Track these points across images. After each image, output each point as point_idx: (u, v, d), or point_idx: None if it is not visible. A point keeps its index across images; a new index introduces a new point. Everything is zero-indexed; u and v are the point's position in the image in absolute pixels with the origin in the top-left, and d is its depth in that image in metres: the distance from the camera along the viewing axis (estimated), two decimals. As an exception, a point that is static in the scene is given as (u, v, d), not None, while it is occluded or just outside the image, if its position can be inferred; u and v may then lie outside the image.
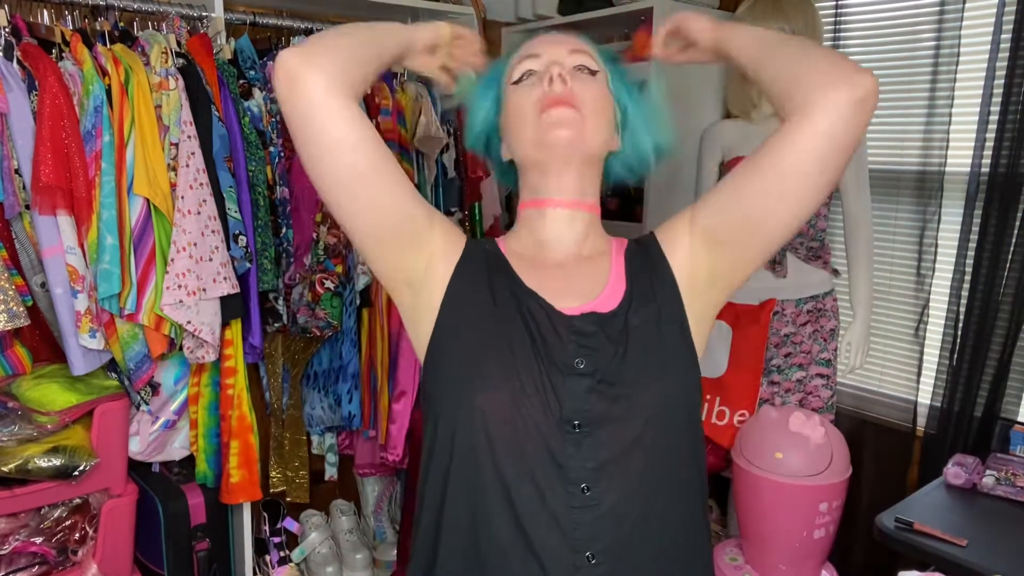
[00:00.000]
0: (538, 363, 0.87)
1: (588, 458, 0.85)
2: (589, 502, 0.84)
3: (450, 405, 0.89)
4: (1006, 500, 1.70)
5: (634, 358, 0.88)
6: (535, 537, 0.84)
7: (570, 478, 0.84)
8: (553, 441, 0.85)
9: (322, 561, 2.22)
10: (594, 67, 0.98)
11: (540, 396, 0.86)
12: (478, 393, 0.87)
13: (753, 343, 1.95)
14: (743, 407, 1.94)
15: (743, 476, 1.72)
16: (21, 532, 1.59)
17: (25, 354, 1.63)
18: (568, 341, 0.88)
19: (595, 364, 0.87)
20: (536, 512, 0.84)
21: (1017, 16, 1.81)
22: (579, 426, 0.85)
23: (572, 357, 0.88)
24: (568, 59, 0.97)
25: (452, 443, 0.88)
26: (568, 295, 0.93)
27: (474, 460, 0.86)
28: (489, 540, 0.86)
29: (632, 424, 0.86)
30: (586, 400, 0.86)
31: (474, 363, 0.89)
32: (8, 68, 1.49)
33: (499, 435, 0.85)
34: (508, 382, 0.86)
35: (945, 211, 2.04)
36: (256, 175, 1.73)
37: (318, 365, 2.10)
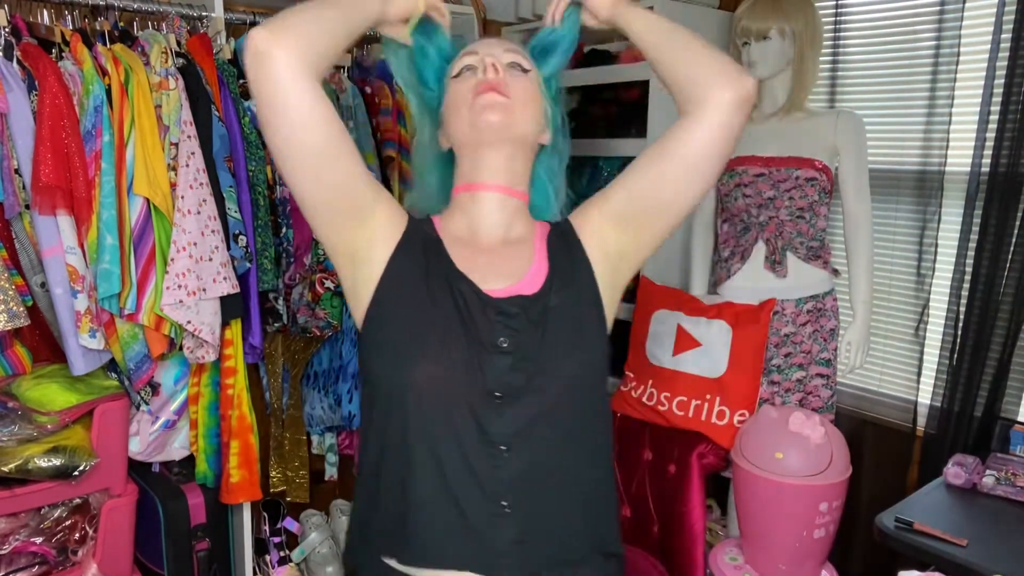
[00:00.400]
0: (467, 341, 0.97)
1: (508, 423, 0.97)
2: (507, 461, 0.96)
3: (386, 374, 0.99)
4: (1006, 500, 1.70)
5: (552, 337, 0.99)
6: (458, 489, 0.96)
7: (492, 440, 0.96)
8: (478, 409, 0.96)
9: (322, 561, 2.22)
10: (526, 66, 1.07)
11: (467, 370, 0.96)
12: (412, 365, 0.96)
13: (753, 343, 1.95)
14: (743, 407, 1.94)
15: (743, 476, 1.72)
16: (21, 532, 1.59)
17: (25, 354, 1.63)
18: (494, 322, 0.99)
19: (517, 343, 0.98)
20: (460, 469, 0.96)
21: (1017, 16, 1.81)
22: (501, 397, 0.97)
23: (496, 336, 0.98)
24: (503, 56, 1.06)
25: (388, 408, 0.98)
26: (496, 277, 1.03)
27: (407, 424, 0.96)
28: (418, 492, 0.97)
29: (548, 395, 0.98)
30: (508, 375, 0.97)
31: (409, 337, 0.98)
32: (8, 68, 1.49)
33: (429, 403, 0.96)
34: (439, 356, 0.96)
35: (945, 211, 2.04)
36: (256, 175, 1.73)
37: (318, 365, 2.10)
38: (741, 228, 2.07)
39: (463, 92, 1.04)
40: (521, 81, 1.05)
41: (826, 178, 1.98)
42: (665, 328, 2.09)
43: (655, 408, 2.05)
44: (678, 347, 2.05)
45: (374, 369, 1.01)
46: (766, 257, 2.03)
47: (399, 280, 1.01)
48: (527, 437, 0.97)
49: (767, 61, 1.97)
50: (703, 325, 2.03)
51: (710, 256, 2.22)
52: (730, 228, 2.11)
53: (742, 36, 1.99)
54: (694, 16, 2.26)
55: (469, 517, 0.96)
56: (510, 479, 0.97)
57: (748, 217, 2.05)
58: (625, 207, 1.05)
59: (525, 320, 0.99)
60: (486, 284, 1.02)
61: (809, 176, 1.96)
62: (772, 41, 1.95)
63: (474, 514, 0.96)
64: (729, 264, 2.09)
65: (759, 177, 2.01)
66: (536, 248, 1.07)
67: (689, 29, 1.06)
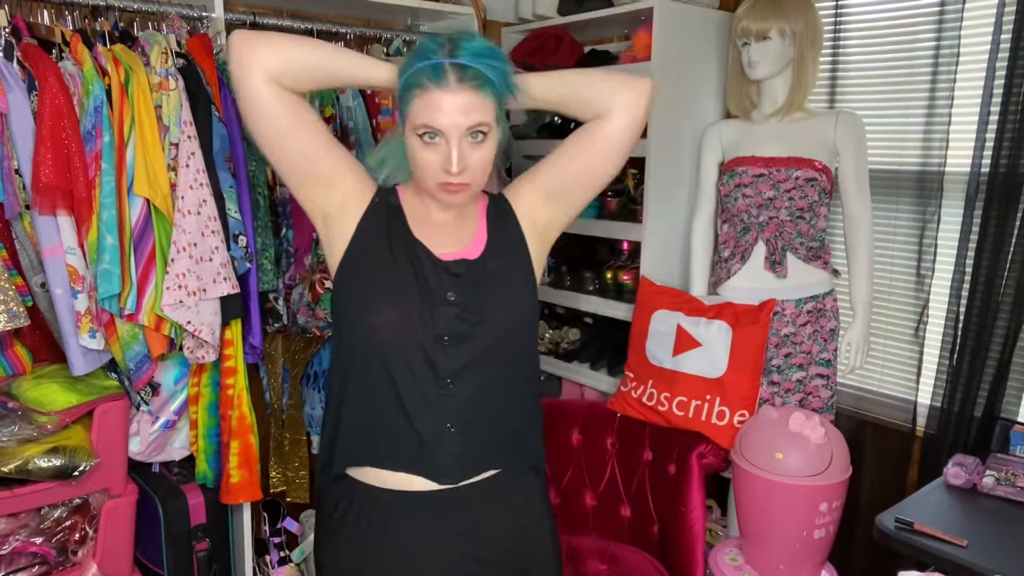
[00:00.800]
0: (420, 294, 1.19)
1: (453, 361, 1.19)
2: (453, 391, 1.19)
3: (352, 319, 1.21)
4: (1006, 500, 1.70)
5: (489, 293, 1.22)
6: (412, 413, 1.19)
7: (439, 375, 1.19)
8: (428, 349, 1.18)
9: (322, 561, 2.22)
10: (488, 121, 1.14)
11: (420, 317, 1.18)
12: (375, 311, 1.19)
13: (753, 343, 1.95)
14: (743, 407, 1.94)
15: (743, 476, 1.72)
16: (21, 532, 1.59)
17: (25, 354, 1.63)
18: (443, 279, 1.21)
19: (461, 297, 1.20)
20: (414, 397, 1.19)
21: (1017, 16, 1.81)
22: (448, 340, 1.19)
23: (445, 291, 1.20)
24: (465, 121, 1.13)
25: (353, 348, 1.21)
26: (445, 243, 1.24)
27: (369, 360, 1.19)
28: (379, 416, 1.20)
29: (486, 339, 1.21)
30: (453, 322, 1.19)
31: (373, 288, 1.20)
32: (8, 68, 1.49)
33: (388, 343, 1.18)
34: (397, 306, 1.18)
35: (945, 211, 2.04)
36: (256, 175, 1.73)
37: (318, 365, 2.10)
38: (741, 228, 2.07)
39: (428, 167, 1.15)
40: (482, 151, 1.15)
41: (826, 178, 1.98)
42: (665, 328, 2.09)
43: (655, 408, 2.05)
44: (678, 347, 2.05)
45: (344, 313, 1.22)
46: (766, 257, 2.03)
47: (365, 241, 1.22)
48: (468, 373, 1.20)
49: (767, 61, 1.97)
50: (703, 325, 2.03)
51: (710, 256, 2.22)
52: (730, 228, 2.11)
53: (742, 36, 1.99)
54: (694, 16, 2.26)
55: (421, 434, 1.19)
56: (455, 406, 1.20)
57: (748, 217, 2.05)
58: (554, 185, 1.28)
59: (468, 279, 1.22)
60: (437, 249, 1.23)
61: (809, 176, 1.97)
62: (772, 41, 1.95)
63: (425, 433, 1.19)
64: (729, 264, 2.09)
65: (759, 177, 2.01)
66: (479, 219, 1.28)
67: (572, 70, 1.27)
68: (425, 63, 1.12)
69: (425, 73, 1.12)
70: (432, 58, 1.12)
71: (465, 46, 1.13)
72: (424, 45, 1.16)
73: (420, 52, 1.15)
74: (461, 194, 1.18)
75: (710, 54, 2.32)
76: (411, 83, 1.14)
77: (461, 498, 1.23)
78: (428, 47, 1.14)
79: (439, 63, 1.11)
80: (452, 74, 1.11)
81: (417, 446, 1.20)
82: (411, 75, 1.14)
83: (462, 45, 1.13)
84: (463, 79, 1.11)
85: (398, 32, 2.19)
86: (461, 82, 1.11)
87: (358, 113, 1.90)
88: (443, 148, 1.14)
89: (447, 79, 1.11)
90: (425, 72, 1.12)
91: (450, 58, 1.12)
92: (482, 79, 1.12)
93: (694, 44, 2.28)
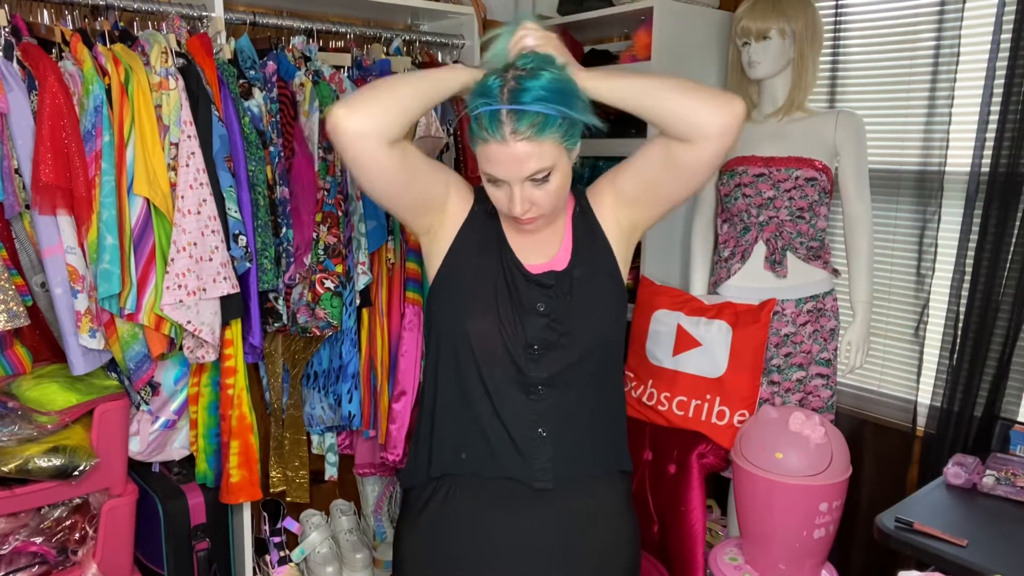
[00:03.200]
0: (511, 304, 1.24)
1: (543, 370, 1.24)
2: (542, 398, 1.24)
3: (448, 326, 1.26)
4: (1006, 500, 1.70)
5: (577, 303, 1.25)
6: (507, 419, 1.24)
7: (530, 382, 1.24)
8: (518, 358, 1.23)
9: (322, 561, 2.22)
10: (546, 166, 1.13)
11: (511, 327, 1.23)
12: (469, 318, 1.24)
13: (753, 343, 1.95)
14: (743, 407, 1.94)
15: (743, 476, 1.72)
16: (21, 532, 1.59)
17: (25, 354, 1.63)
18: (533, 290, 1.25)
19: (550, 308, 1.24)
20: (507, 404, 1.24)
21: (1017, 16, 1.81)
22: (538, 349, 1.23)
23: (535, 302, 1.24)
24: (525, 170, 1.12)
25: (449, 353, 1.26)
26: (535, 253, 1.28)
27: (464, 368, 1.24)
28: (475, 423, 1.25)
29: (575, 348, 1.24)
30: (543, 332, 1.24)
31: (467, 296, 1.25)
32: (8, 68, 1.49)
33: (481, 350, 1.23)
34: (490, 314, 1.23)
35: (945, 211, 2.04)
36: (256, 175, 1.73)
37: (318, 365, 2.10)
38: (741, 228, 2.07)
39: (497, 198, 1.19)
40: (545, 188, 1.15)
41: (826, 178, 1.98)
42: (665, 328, 2.09)
43: (655, 408, 2.05)
44: (678, 347, 2.05)
45: (440, 319, 1.28)
46: (766, 257, 2.03)
47: (462, 251, 1.27)
48: (558, 380, 1.24)
49: (767, 61, 1.97)
50: (703, 325, 2.03)
51: (710, 256, 2.22)
52: (730, 228, 2.11)
53: (742, 36, 1.99)
54: (694, 16, 2.26)
55: (515, 439, 1.24)
56: (546, 411, 1.24)
57: (748, 217, 2.05)
58: (635, 192, 1.27)
59: (557, 290, 1.25)
60: (527, 260, 1.27)
61: (809, 176, 1.97)
62: (772, 41, 1.95)
63: (519, 437, 1.24)
64: (729, 264, 2.09)
65: (759, 177, 2.01)
66: (567, 228, 1.30)
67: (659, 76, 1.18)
68: (484, 108, 1.10)
69: (484, 122, 1.11)
70: (492, 99, 1.10)
71: (528, 86, 1.09)
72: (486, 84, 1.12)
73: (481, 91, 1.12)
74: (534, 224, 1.21)
75: (710, 54, 2.32)
76: (474, 127, 1.14)
77: (554, 499, 1.27)
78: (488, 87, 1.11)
79: (496, 110, 1.09)
80: (508, 124, 1.09)
81: (512, 451, 1.25)
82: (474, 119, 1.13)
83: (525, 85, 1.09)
84: (518, 130, 1.09)
85: (398, 32, 2.19)
86: (516, 133, 1.09)
87: (358, 113, 1.90)
88: (507, 190, 1.16)
89: (503, 131, 1.09)
90: (484, 120, 1.11)
91: (509, 103, 1.09)
92: (541, 124, 1.09)
93: (694, 44, 2.28)
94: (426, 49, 2.27)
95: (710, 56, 2.31)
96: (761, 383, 1.99)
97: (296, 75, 1.84)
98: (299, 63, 1.87)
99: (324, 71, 1.88)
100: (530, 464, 1.25)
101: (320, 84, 1.84)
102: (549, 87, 1.10)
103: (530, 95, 1.08)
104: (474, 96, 1.14)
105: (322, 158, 1.83)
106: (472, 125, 1.15)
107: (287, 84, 1.83)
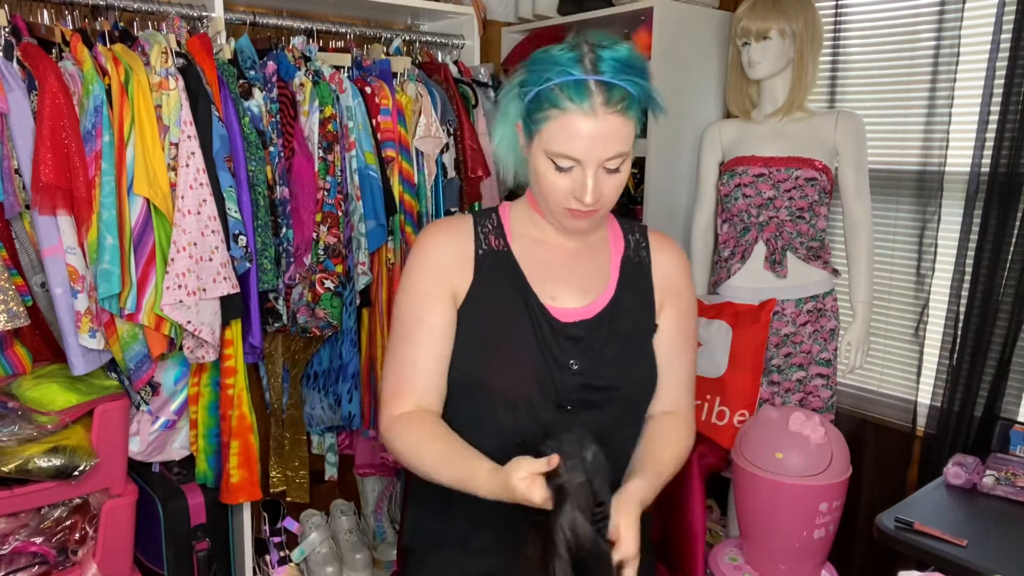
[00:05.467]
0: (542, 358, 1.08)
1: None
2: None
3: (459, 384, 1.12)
4: (1006, 500, 1.70)
5: (615, 359, 1.11)
6: None
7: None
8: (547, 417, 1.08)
9: (322, 561, 2.22)
10: (628, 149, 1.02)
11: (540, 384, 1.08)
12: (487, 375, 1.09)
13: (753, 343, 1.95)
14: (743, 407, 1.94)
15: (743, 476, 1.72)
16: (21, 532, 1.59)
17: (25, 354, 1.63)
18: (565, 345, 1.10)
19: (585, 365, 1.10)
20: None
21: (1017, 16, 1.81)
22: (571, 409, 1.09)
23: (567, 358, 1.09)
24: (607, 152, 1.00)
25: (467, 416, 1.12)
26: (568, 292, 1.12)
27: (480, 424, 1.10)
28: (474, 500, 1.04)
29: (612, 408, 1.12)
30: (578, 391, 1.10)
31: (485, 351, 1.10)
32: (8, 68, 1.49)
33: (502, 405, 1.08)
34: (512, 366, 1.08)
35: (945, 211, 2.04)
36: (256, 175, 1.73)
37: (318, 365, 2.10)
38: (741, 228, 2.07)
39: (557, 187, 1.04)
40: (614, 181, 1.04)
41: (826, 178, 1.98)
42: (665, 328, 2.09)
43: (655, 408, 2.05)
44: (678, 347, 2.05)
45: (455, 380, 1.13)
46: (766, 257, 2.03)
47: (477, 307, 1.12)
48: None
49: (767, 61, 1.97)
50: (703, 325, 2.03)
51: (710, 256, 2.22)
52: (730, 228, 2.11)
53: (742, 36, 1.99)
54: (694, 16, 2.26)
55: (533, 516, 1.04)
56: None
57: (748, 217, 2.05)
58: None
59: (590, 342, 1.11)
60: (557, 302, 1.12)
61: (809, 176, 1.97)
62: (772, 41, 1.95)
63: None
64: (729, 264, 2.09)
65: (759, 177, 2.01)
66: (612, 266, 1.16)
67: (664, 473, 1.16)
68: (567, 78, 0.97)
69: (567, 92, 0.97)
70: (573, 71, 0.97)
71: (608, 57, 0.98)
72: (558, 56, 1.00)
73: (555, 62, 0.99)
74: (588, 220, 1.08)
75: (710, 54, 2.32)
76: (547, 100, 0.99)
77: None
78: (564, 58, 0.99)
79: (582, 80, 0.97)
80: (598, 95, 0.97)
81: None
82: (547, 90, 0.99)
83: (604, 57, 0.98)
84: (608, 102, 0.97)
85: (398, 32, 2.19)
86: (607, 105, 0.97)
87: (357, 112, 1.90)
88: (577, 175, 1.02)
89: (592, 101, 0.97)
90: (567, 91, 0.97)
91: (594, 74, 0.97)
92: (628, 99, 0.98)
93: (694, 44, 2.28)
94: (426, 49, 2.27)
95: (710, 56, 2.31)
96: (761, 383, 1.99)
97: (296, 75, 1.84)
98: (299, 63, 1.87)
99: (324, 71, 1.89)
100: None
101: (320, 84, 1.84)
102: (631, 61, 0.99)
103: (615, 66, 0.98)
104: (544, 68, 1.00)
105: (322, 158, 1.83)
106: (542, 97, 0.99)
107: (287, 84, 1.83)
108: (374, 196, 1.90)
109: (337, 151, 1.85)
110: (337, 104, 1.86)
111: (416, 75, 2.06)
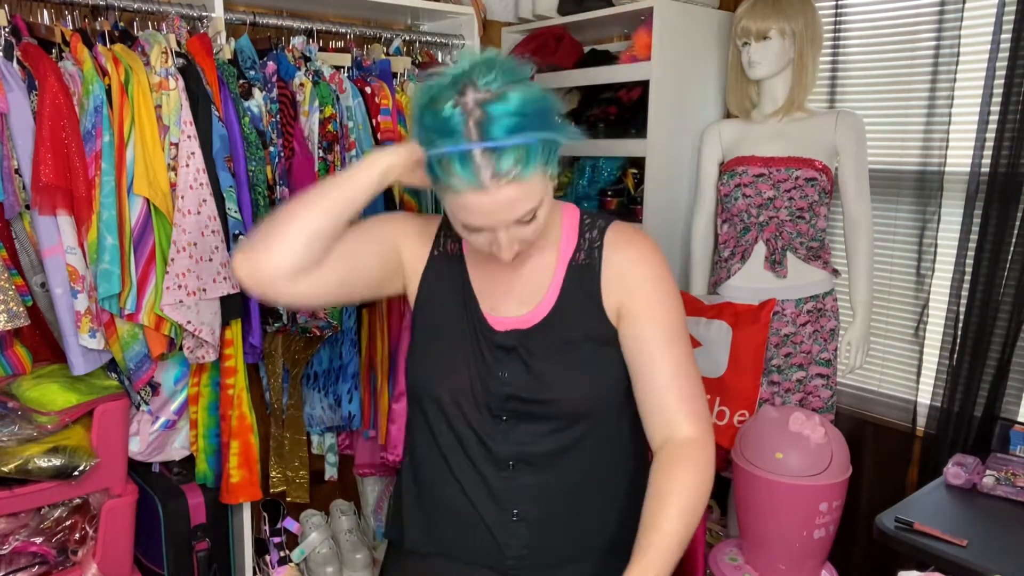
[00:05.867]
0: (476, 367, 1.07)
1: (512, 444, 1.07)
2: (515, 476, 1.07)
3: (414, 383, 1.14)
4: (1006, 500, 1.70)
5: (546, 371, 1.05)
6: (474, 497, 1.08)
7: (499, 458, 1.07)
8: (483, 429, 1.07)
9: (322, 561, 2.22)
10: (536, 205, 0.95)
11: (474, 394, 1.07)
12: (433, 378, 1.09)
13: (753, 343, 1.95)
14: (743, 407, 1.94)
15: (743, 476, 1.72)
16: (21, 532, 1.59)
17: (25, 354, 1.63)
18: (497, 354, 1.07)
19: (513, 376, 1.06)
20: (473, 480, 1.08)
21: (1017, 16, 1.81)
22: (507, 419, 1.07)
23: (498, 368, 1.07)
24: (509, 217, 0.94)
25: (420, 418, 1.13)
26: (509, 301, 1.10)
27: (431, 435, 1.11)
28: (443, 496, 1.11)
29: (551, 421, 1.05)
30: (508, 402, 1.06)
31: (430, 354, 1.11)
32: (8, 68, 1.49)
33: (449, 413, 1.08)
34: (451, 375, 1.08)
35: (945, 211, 2.04)
36: (256, 175, 1.73)
37: (318, 365, 2.10)
38: (741, 228, 2.07)
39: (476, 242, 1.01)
40: (531, 227, 0.98)
41: (826, 178, 1.98)
42: (665, 328, 2.09)
43: (655, 408, 2.05)
44: (678, 347, 2.05)
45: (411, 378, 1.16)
46: (766, 257, 2.03)
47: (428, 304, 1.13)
48: (534, 457, 1.07)
49: (767, 61, 1.97)
50: (703, 325, 2.03)
51: (710, 256, 2.22)
52: (730, 228, 2.11)
53: (742, 36, 1.99)
54: (694, 16, 2.26)
55: (486, 520, 1.08)
56: (518, 491, 1.07)
57: (748, 217, 2.05)
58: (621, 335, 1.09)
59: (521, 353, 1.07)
60: (496, 311, 1.10)
61: (809, 176, 1.97)
62: (772, 41, 1.95)
63: (490, 519, 1.08)
64: (729, 264, 2.09)
65: (759, 177, 2.01)
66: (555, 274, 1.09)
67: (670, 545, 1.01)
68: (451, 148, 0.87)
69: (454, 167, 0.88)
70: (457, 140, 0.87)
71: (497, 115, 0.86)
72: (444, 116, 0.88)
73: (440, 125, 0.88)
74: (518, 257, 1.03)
75: (710, 54, 2.32)
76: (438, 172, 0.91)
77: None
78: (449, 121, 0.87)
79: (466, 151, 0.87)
80: (486, 167, 0.87)
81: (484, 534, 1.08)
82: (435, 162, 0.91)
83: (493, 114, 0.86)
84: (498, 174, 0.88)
85: (398, 32, 2.19)
86: (497, 177, 0.88)
87: (357, 112, 1.90)
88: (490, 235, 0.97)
89: (480, 177, 0.87)
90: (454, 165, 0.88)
91: (480, 139, 0.87)
92: (524, 159, 0.88)
93: (694, 44, 2.28)
94: (426, 49, 2.27)
95: (710, 56, 2.31)
96: (761, 383, 1.99)
97: (296, 75, 1.84)
98: (299, 63, 1.88)
99: (324, 71, 1.89)
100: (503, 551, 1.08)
101: (320, 84, 1.84)
102: (523, 110, 0.88)
103: (504, 125, 0.87)
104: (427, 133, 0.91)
105: (322, 158, 1.83)
106: (433, 169, 0.91)
107: (287, 84, 1.83)
108: (374, 196, 1.90)
109: (337, 151, 1.85)
110: (337, 104, 1.86)
111: (416, 75, 2.06)
